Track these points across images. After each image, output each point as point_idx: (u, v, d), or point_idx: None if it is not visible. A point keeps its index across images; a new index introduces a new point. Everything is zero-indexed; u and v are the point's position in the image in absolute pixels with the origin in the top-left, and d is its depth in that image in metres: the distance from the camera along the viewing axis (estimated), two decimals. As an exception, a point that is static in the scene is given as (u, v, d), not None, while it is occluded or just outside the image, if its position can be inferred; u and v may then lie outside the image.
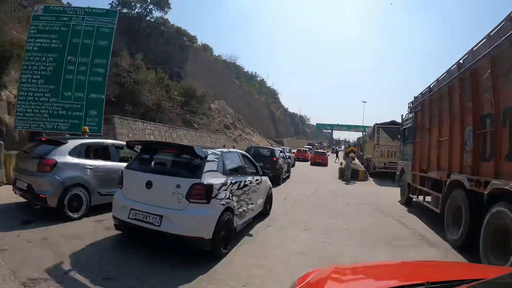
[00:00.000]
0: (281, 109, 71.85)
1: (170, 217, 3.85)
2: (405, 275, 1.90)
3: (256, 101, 57.02)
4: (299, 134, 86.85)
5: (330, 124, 79.40)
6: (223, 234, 4.18)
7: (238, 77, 60.26)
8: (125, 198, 4.27)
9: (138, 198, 4.15)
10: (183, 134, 21.88)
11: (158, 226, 3.85)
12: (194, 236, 3.84)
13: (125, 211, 4.12)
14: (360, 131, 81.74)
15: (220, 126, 32.56)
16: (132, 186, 4.32)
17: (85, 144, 5.91)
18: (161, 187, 4.05)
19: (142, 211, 3.98)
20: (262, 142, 41.17)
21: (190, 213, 3.85)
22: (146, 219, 3.93)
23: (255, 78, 73.00)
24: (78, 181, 5.39)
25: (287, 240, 5.25)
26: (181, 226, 3.81)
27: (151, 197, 4.04)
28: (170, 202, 3.93)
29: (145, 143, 5.32)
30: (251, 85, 64.43)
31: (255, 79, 71.83)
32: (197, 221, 3.87)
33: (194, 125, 27.99)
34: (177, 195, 3.90)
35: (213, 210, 4.02)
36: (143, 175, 4.20)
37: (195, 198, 3.89)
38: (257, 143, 37.88)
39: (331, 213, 7.72)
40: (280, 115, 67.42)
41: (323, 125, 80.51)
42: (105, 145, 6.42)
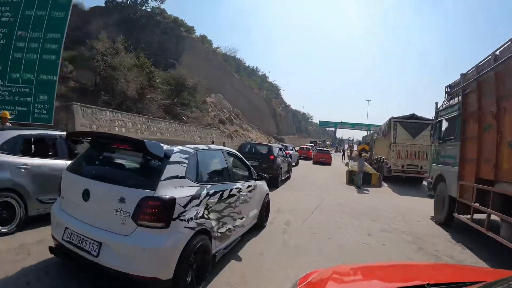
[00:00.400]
0: (282, 105, 68.91)
1: (110, 245, 2.60)
2: (406, 276, 1.88)
3: (256, 96, 54.19)
4: (302, 132, 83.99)
5: (333, 122, 76.33)
6: (194, 267, 2.92)
7: (238, 71, 57.45)
8: (61, 211, 3.11)
9: (74, 212, 2.96)
10: (165, 127, 19.08)
11: (96, 257, 2.62)
12: (144, 276, 2.54)
13: (59, 228, 3.00)
14: (364, 129, 78.99)
15: (214, 120, 29.77)
16: (69, 195, 3.12)
17: (21, 137, 4.63)
18: (100, 200, 2.81)
19: (77, 233, 2.80)
20: (261, 139, 38.31)
21: (138, 242, 2.55)
22: (82, 244, 2.73)
23: (256, 72, 70.16)
24: (7, 184, 4.15)
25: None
26: (125, 259, 2.54)
27: (89, 213, 2.84)
28: (112, 223, 2.66)
29: (92, 135, 3.57)
30: (252, 80, 61.64)
31: (256, 74, 68.97)
32: (148, 253, 2.55)
33: (183, 118, 25.23)
34: (121, 213, 2.61)
35: (175, 238, 2.70)
36: (82, 181, 2.96)
37: (147, 220, 2.58)
38: (254, 140, 35.10)
39: (344, 256, 4.51)
40: (282, 112, 64.50)
41: (327, 122, 77.30)
42: (51, 138, 5.09)
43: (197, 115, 27.34)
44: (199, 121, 26.41)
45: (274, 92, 68.38)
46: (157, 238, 2.62)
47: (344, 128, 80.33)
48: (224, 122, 31.01)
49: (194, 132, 22.80)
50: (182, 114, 25.94)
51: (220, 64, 49.37)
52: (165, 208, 2.67)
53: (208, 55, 47.91)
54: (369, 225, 6.45)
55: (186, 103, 28.53)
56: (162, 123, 19.04)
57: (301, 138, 64.11)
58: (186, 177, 3.01)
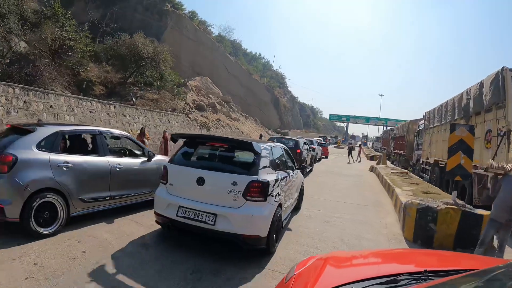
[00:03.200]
0: (288, 96, 60.47)
1: (225, 215, 3.62)
2: (403, 263, 1.90)
3: (256, 83, 45.99)
4: (310, 126, 75.43)
5: (345, 116, 67.64)
6: (276, 229, 4.06)
7: (236, 55, 49.30)
8: (170, 195, 3.99)
9: (187, 195, 3.87)
10: (67, 105, 11.25)
11: (213, 225, 3.61)
12: (251, 235, 3.62)
13: (172, 208, 3.86)
14: (380, 124, 70.03)
15: (189, 106, 21.80)
16: (180, 182, 4.01)
17: (61, 133, 4.37)
18: (215, 184, 3.78)
19: (193, 209, 3.74)
20: (256, 132, 30.26)
21: (247, 212, 3.62)
22: (198, 217, 3.69)
23: (258, 59, 61.90)
24: (50, 184, 4.01)
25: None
26: (237, 225, 3.58)
27: (203, 195, 3.78)
28: (225, 200, 3.68)
29: (190, 136, 4.73)
30: (253, 66, 53.49)
31: (258, 61, 60.73)
32: (254, 219, 3.63)
33: (133, 99, 17.34)
34: (233, 193, 3.66)
35: (269, 208, 3.82)
36: (194, 171, 3.93)
37: (253, 196, 3.66)
38: (247, 133, 27.05)
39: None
40: (287, 102, 56.10)
41: (338, 116, 68.53)
42: (91, 134, 4.95)
43: (158, 97, 19.36)
44: (158, 104, 18.45)
45: (278, 81, 59.93)
46: (259, 209, 3.68)
47: (357, 123, 71.56)
48: (203, 108, 23.04)
49: (139, 117, 14.87)
50: (134, 93, 18.04)
51: (212, 45, 41.49)
52: (264, 187, 3.71)
53: (198, 33, 40.01)
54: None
55: (148, 82, 20.72)
56: (62, 99, 11.10)
57: (309, 134, 55.53)
58: (269, 167, 4.09)
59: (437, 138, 11.33)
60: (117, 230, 4.41)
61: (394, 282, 1.41)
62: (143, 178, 5.44)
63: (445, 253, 2.73)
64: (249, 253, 3.77)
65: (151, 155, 5.65)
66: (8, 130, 4.55)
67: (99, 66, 19.20)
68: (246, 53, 58.11)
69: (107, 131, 5.20)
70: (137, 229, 4.50)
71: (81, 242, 3.85)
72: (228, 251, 3.88)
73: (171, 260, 3.57)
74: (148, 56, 19.47)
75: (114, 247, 3.80)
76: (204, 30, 42.39)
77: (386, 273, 1.52)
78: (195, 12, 42.47)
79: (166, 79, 22.53)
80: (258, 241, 3.66)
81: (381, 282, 1.43)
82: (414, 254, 2.34)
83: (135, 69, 19.84)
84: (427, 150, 12.69)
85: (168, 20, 37.42)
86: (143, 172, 5.47)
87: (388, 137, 30.98)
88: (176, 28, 37.38)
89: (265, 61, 64.29)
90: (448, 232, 4.75)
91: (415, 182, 9.52)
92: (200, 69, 37.73)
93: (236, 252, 3.81)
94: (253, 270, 3.49)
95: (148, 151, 5.72)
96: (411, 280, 1.41)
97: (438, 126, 11.40)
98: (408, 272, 1.50)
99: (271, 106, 48.53)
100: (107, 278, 3.07)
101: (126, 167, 5.08)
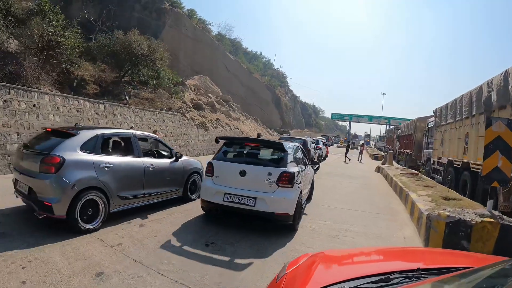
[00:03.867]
0: (289, 95, 59.51)
1: (263, 198, 4.61)
2: (396, 261, 1.90)
3: (256, 82, 45.10)
4: (312, 126, 74.43)
5: (348, 114, 66.27)
6: (298, 211, 4.99)
7: (236, 53, 48.37)
8: (216, 185, 4.89)
9: (231, 184, 4.79)
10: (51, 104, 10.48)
11: (253, 206, 4.62)
12: (282, 213, 4.63)
13: (218, 195, 4.79)
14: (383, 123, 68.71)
15: (187, 105, 20.98)
16: (225, 175, 4.92)
17: (101, 136, 4.73)
18: (254, 175, 4.73)
19: (237, 195, 4.70)
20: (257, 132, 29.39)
21: (279, 195, 4.61)
22: (241, 201, 4.66)
23: (259, 58, 60.92)
24: (94, 183, 4.34)
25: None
26: (272, 205, 4.58)
27: (245, 183, 4.71)
28: (262, 187, 4.66)
29: (230, 138, 6.14)
30: (254, 65, 52.56)
31: (258, 60, 59.76)
32: (285, 201, 4.64)
33: (126, 98, 16.57)
34: (269, 181, 4.65)
35: (295, 192, 4.80)
36: (236, 165, 4.92)
37: (283, 183, 4.65)
38: (247, 133, 26.23)
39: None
40: (288, 102, 55.18)
41: (340, 115, 67.19)
42: (127, 136, 5.36)
43: (153, 96, 18.57)
44: (153, 103, 17.65)
45: (279, 80, 58.97)
46: (288, 193, 4.70)
47: (360, 122, 70.28)
48: (201, 108, 22.19)
49: (130, 116, 14.04)
50: (127, 92, 17.26)
51: (211, 43, 40.66)
52: (292, 177, 4.73)
53: (197, 32, 39.19)
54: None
55: (144, 80, 19.97)
56: (47, 97, 10.29)
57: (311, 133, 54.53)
58: (293, 161, 5.20)
59: (451, 135, 10.43)
60: (161, 221, 5.04)
61: (386, 280, 1.38)
62: (172, 177, 5.92)
63: (438, 251, 2.79)
64: (277, 231, 4.80)
65: (178, 156, 6.14)
66: (46, 133, 4.83)
67: (95, 65, 18.43)
68: (247, 52, 57.18)
69: (139, 134, 5.72)
70: (176, 221, 5.07)
71: (118, 235, 4.23)
72: (261, 230, 4.87)
73: (215, 232, 4.67)
74: (143, 53, 18.67)
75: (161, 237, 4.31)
76: (203, 28, 41.57)
77: (379, 271, 1.50)
78: (194, 10, 41.65)
79: (163, 77, 21.74)
80: (287, 218, 4.67)
81: (373, 280, 1.40)
82: (407, 252, 2.31)
83: (130, 67, 19.05)
84: (439, 149, 11.79)
85: (166, 19, 36.74)
86: (172, 172, 5.93)
87: (393, 135, 30.07)
88: (174, 26, 36.71)
89: (266, 60, 63.39)
90: (484, 250, 3.90)
91: (430, 185, 8.65)
92: (200, 68, 36.96)
93: (267, 231, 4.83)
94: (283, 241, 4.49)
95: (176, 152, 6.20)
96: (403, 278, 1.39)
97: (452, 123, 10.50)
98: (401, 270, 1.47)
99: (272, 105, 47.64)
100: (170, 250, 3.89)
101: (157, 167, 5.51)
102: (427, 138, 14.42)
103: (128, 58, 18.37)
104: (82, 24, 21.70)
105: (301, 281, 1.49)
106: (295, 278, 1.58)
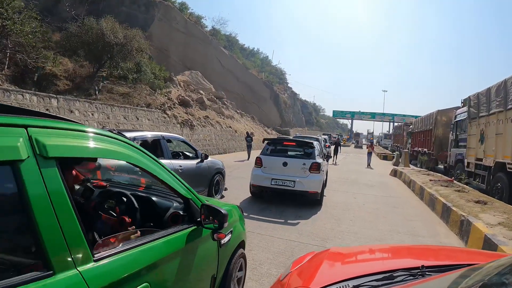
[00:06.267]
0: (288, 92, 56.83)
1: (300, 181, 6.41)
2: (401, 258, 1.88)
3: (253, 78, 42.49)
4: (312, 124, 71.83)
5: (350, 112, 63.99)
6: (322, 190, 6.89)
7: (232, 49, 45.76)
8: (264, 173, 6.65)
9: (276, 172, 6.56)
10: None
11: (293, 187, 6.42)
12: (313, 191, 6.45)
13: (266, 180, 6.56)
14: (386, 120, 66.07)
15: (171, 102, 18.48)
16: (271, 165, 6.67)
17: (133, 139, 4.52)
18: (293, 165, 6.56)
19: (281, 179, 6.48)
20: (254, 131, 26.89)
21: (311, 178, 6.46)
22: (284, 183, 6.46)
23: (256, 55, 58.24)
24: None
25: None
26: (306, 186, 6.41)
27: (286, 171, 6.52)
28: (299, 173, 6.48)
29: (272, 139, 7.96)
30: (251, 61, 49.94)
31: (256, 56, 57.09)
32: (315, 182, 6.49)
33: (96, 92, 14.10)
34: (304, 169, 6.49)
35: (321, 176, 6.69)
36: (280, 159, 6.71)
37: (314, 170, 6.49)
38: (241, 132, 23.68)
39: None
40: (288, 99, 52.56)
41: (342, 112, 64.88)
42: (156, 138, 5.33)
43: (131, 91, 16.07)
44: (129, 99, 15.15)
45: (277, 76, 56.35)
46: (317, 176, 6.55)
47: (362, 119, 67.75)
48: (189, 105, 19.68)
49: (93, 113, 11.54)
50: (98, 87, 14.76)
51: (204, 37, 38.14)
52: (319, 165, 6.61)
53: (188, 25, 36.65)
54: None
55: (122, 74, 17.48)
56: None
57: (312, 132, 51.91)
58: (318, 155, 7.17)
59: (500, 129, 7.89)
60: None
61: (390, 278, 1.37)
62: (199, 178, 5.95)
63: (443, 248, 2.90)
64: (308, 205, 6.56)
65: (203, 157, 6.22)
66: None
67: (71, 59, 16.02)
68: (244, 48, 54.52)
69: (168, 136, 5.89)
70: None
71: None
72: (300, 205, 6.54)
73: (267, 205, 6.55)
74: (118, 43, 16.16)
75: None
76: (196, 22, 39.04)
77: (383, 269, 1.49)
78: (185, 3, 39.05)
79: (144, 71, 19.21)
80: (316, 195, 6.52)
81: (378, 278, 1.39)
82: (412, 249, 2.28)
83: (107, 59, 16.57)
84: (478, 148, 9.26)
85: (155, 12, 34.18)
86: (199, 173, 6.03)
87: (402, 132, 27.43)
88: (164, 20, 34.12)
89: (264, 57, 60.66)
90: None
91: (481, 200, 6.13)
92: (192, 63, 34.45)
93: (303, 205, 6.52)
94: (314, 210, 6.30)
95: (202, 153, 6.30)
96: (408, 275, 1.38)
97: (499, 112, 7.96)
98: (406, 267, 1.46)
99: (271, 102, 45.06)
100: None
101: (186, 168, 5.56)
102: (455, 134, 11.88)
103: (102, 49, 15.87)
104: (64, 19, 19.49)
105: (305, 279, 1.50)
106: (300, 276, 1.57)
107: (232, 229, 2.44)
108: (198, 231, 1.97)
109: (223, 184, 7.09)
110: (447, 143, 13.66)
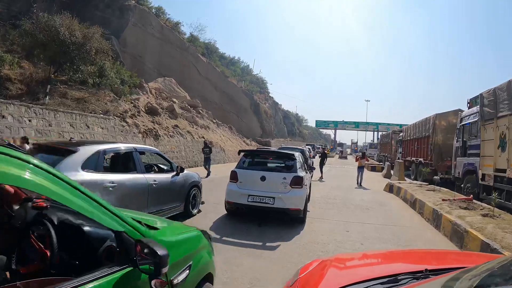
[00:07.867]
0: (270, 102, 55.80)
1: (281, 197, 5.81)
2: (405, 262, 1.89)
3: (233, 87, 41.17)
4: (295, 135, 70.98)
5: (333, 121, 63.37)
6: (305, 205, 6.29)
7: (211, 57, 44.40)
8: (241, 189, 6.03)
9: (253, 187, 5.95)
10: None
11: (273, 205, 5.81)
12: (295, 208, 5.87)
13: (243, 197, 5.93)
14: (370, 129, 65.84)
15: (136, 109, 16.72)
16: (248, 180, 6.07)
17: (103, 151, 4.34)
18: (273, 180, 5.98)
19: (258, 196, 5.86)
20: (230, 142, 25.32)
21: (293, 194, 5.88)
22: (262, 200, 5.83)
23: (237, 64, 57.12)
24: None
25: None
26: (288, 203, 5.81)
27: (265, 186, 5.90)
28: (279, 189, 5.88)
29: (248, 151, 7.90)
30: (231, 70, 48.71)
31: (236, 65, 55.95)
32: (297, 199, 5.92)
33: (46, 97, 12.29)
34: (284, 184, 5.90)
35: (304, 192, 6.15)
36: (258, 172, 6.15)
37: (295, 185, 5.93)
38: (217, 142, 22.03)
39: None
40: (269, 109, 51.42)
41: (325, 122, 64.21)
42: (127, 151, 4.93)
43: (88, 96, 14.24)
44: (85, 105, 13.33)
45: (258, 85, 55.26)
46: (299, 192, 5.97)
47: (346, 129, 67.36)
48: (157, 113, 17.96)
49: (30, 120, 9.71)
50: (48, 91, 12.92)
51: (181, 44, 36.64)
52: (301, 180, 6.04)
53: (165, 31, 35.10)
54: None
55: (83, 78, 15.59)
56: None
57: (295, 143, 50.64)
58: (300, 167, 6.53)
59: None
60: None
61: (395, 281, 1.39)
62: (175, 193, 5.73)
63: (447, 252, 2.89)
64: (290, 223, 6.04)
65: (178, 170, 5.88)
66: (37, 150, 4.19)
67: (28, 61, 14.19)
68: (224, 56, 53.29)
69: (141, 148, 5.61)
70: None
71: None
72: (279, 224, 6.01)
73: (245, 226, 5.88)
74: (75, 42, 14.38)
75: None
76: (173, 28, 37.52)
77: (388, 273, 1.51)
78: (162, 7, 37.55)
79: (108, 76, 17.39)
80: (298, 212, 5.93)
81: (382, 282, 1.41)
82: (416, 254, 2.31)
83: (65, 62, 14.73)
84: (498, 156, 7.78)
85: (129, 17, 32.41)
86: (174, 187, 5.72)
87: (390, 141, 26.14)
88: (138, 25, 32.37)
89: (244, 65, 59.64)
90: None
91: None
92: (167, 70, 32.76)
93: (283, 224, 5.99)
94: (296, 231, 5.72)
95: (177, 166, 5.97)
96: (411, 279, 1.39)
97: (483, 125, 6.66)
98: (410, 271, 1.49)
99: (251, 112, 43.73)
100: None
101: (160, 183, 5.23)
102: (461, 141, 10.41)
103: (57, 48, 14.04)
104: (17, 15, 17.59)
105: (312, 285, 1.54)
106: (307, 282, 1.61)
107: (192, 262, 2.01)
108: (136, 273, 1.45)
109: (200, 198, 6.75)
110: (448, 152, 12.26)
